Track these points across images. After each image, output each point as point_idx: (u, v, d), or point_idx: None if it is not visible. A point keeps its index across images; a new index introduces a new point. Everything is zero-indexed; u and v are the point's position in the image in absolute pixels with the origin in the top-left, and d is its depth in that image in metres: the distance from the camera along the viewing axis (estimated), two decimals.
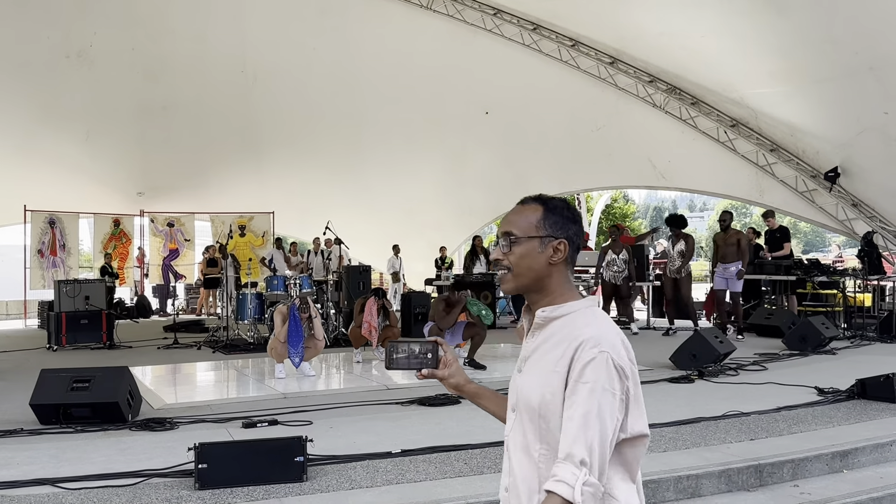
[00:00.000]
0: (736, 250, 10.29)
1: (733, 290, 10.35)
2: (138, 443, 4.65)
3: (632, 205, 44.19)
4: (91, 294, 10.79)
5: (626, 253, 11.37)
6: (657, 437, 4.62)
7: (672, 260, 10.71)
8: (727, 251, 10.33)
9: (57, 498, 3.57)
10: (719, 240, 10.50)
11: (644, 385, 6.21)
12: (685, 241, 10.69)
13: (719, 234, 10.58)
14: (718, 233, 10.64)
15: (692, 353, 7.35)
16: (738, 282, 10.30)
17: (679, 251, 10.64)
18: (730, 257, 10.29)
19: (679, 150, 14.30)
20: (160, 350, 10.06)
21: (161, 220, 17.47)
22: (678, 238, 10.73)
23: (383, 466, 4.02)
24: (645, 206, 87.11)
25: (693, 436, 4.65)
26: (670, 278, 10.74)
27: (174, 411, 5.63)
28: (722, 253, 10.39)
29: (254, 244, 17.52)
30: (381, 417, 5.34)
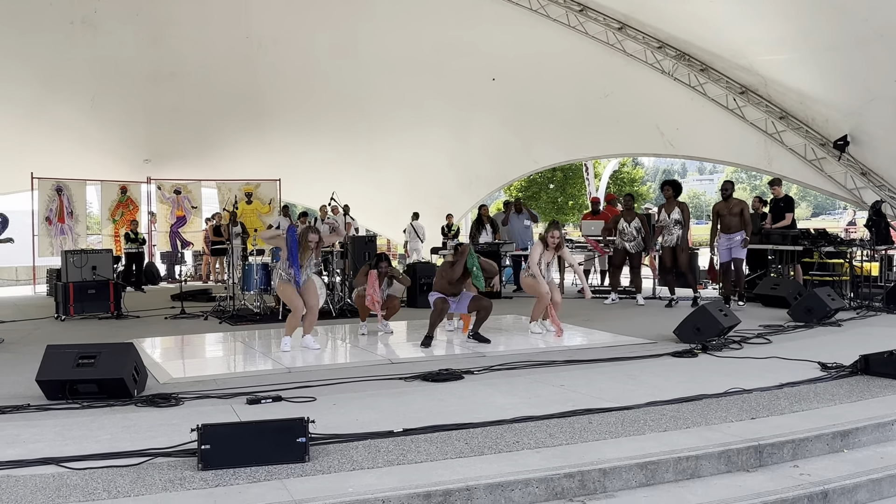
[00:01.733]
0: (739, 220, 10.23)
1: (736, 256, 10.30)
2: (143, 419, 4.69)
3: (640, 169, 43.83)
4: (98, 264, 10.82)
5: (638, 221, 11.32)
6: (658, 415, 4.63)
7: (668, 229, 10.65)
8: (731, 221, 10.26)
9: (62, 478, 3.61)
10: (721, 209, 10.41)
11: (647, 359, 6.22)
12: (680, 209, 10.62)
13: (720, 203, 10.50)
14: (719, 202, 10.55)
15: (696, 326, 7.34)
16: (742, 249, 10.26)
17: (675, 220, 10.58)
18: (733, 227, 10.24)
19: (687, 117, 14.14)
20: (167, 320, 10.11)
21: (168, 188, 17.49)
22: (672, 206, 10.66)
23: (385, 446, 4.05)
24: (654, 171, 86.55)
25: (694, 414, 4.65)
26: (668, 248, 10.71)
27: (180, 386, 5.67)
28: (726, 223, 10.32)
29: (260, 211, 17.55)
30: (383, 394, 5.36)
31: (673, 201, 10.73)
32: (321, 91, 16.61)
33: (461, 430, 4.34)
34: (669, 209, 10.70)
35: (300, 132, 17.47)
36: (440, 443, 4.11)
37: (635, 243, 11.29)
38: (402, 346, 7.85)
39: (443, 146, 17.36)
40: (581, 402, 4.96)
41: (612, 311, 10.48)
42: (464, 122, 17.00)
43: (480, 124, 16.99)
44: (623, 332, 8.24)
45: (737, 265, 10.35)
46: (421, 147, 17.36)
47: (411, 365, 6.39)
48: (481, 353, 7.00)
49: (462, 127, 17.15)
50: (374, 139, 17.42)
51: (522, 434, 4.26)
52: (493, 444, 4.08)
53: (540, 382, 5.67)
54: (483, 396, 5.22)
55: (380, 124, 17.16)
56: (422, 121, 17.01)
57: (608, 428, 4.38)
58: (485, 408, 4.85)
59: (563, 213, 35.69)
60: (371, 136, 17.36)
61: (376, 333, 8.44)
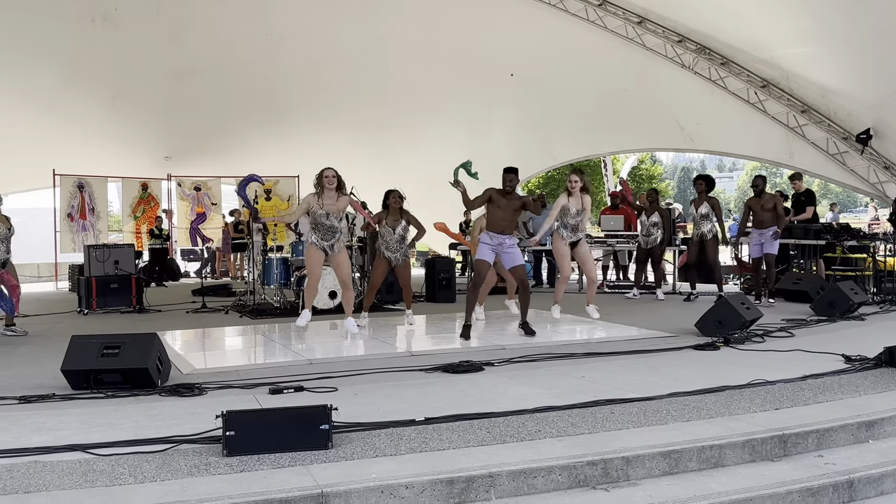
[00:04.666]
0: (772, 216, 10.09)
1: (769, 251, 10.17)
2: (168, 408, 4.74)
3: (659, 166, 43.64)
4: (120, 259, 10.92)
5: (657, 216, 11.32)
6: (681, 406, 4.62)
7: (698, 223, 10.61)
8: (764, 217, 10.13)
9: (89, 464, 3.66)
10: (753, 205, 10.33)
11: (668, 353, 6.21)
12: (710, 204, 10.59)
13: (752, 198, 10.41)
14: (752, 198, 10.47)
15: (718, 319, 7.31)
16: (774, 243, 10.11)
17: (703, 213, 10.54)
18: (766, 223, 10.12)
19: (708, 111, 14.07)
20: (188, 314, 10.20)
21: (188, 184, 17.59)
22: (702, 200, 10.63)
23: (407, 434, 4.07)
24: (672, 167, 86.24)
25: (717, 405, 4.64)
26: (696, 241, 10.66)
27: (203, 376, 5.72)
28: (759, 219, 10.21)
29: (279, 208, 17.62)
30: (404, 385, 5.38)
31: (704, 196, 10.69)
32: (339, 87, 16.65)
33: (483, 419, 4.35)
34: (699, 203, 10.66)
35: (318, 128, 17.52)
36: (462, 431, 4.12)
37: (652, 238, 11.28)
38: (421, 338, 7.88)
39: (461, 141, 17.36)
40: (602, 392, 4.95)
41: (633, 306, 10.45)
42: (482, 118, 16.99)
43: (499, 120, 16.97)
44: (644, 325, 8.22)
45: (768, 261, 10.21)
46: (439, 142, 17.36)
47: (431, 357, 6.40)
48: (501, 346, 7.01)
49: (480, 123, 17.14)
50: (392, 135, 17.44)
51: (544, 423, 4.26)
52: (515, 432, 4.09)
53: (560, 374, 5.67)
54: (504, 387, 5.24)
55: (398, 120, 17.17)
56: (440, 117, 17.01)
57: (630, 418, 4.37)
58: (506, 398, 4.86)
59: None
60: (390, 131, 17.39)
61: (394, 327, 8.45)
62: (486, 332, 7.86)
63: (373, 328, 8.65)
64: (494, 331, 8.10)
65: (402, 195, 8.54)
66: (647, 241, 11.36)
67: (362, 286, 10.98)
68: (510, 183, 7.61)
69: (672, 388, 5.04)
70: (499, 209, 7.60)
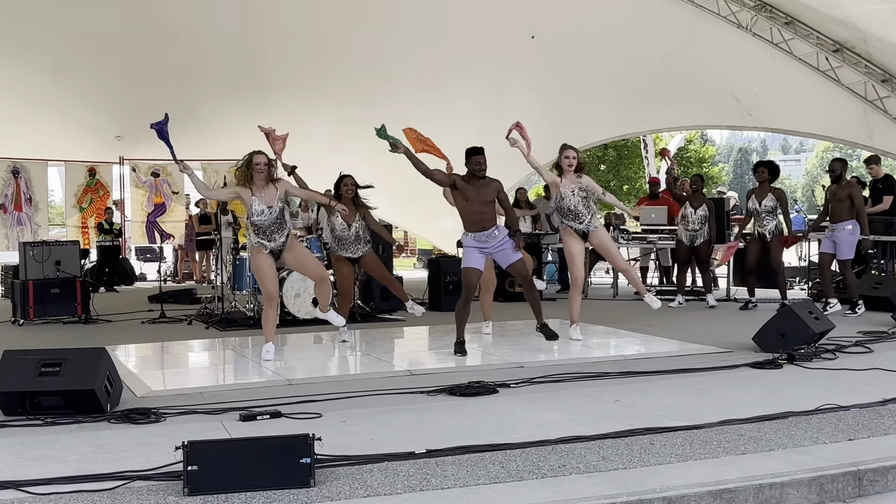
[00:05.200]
0: (849, 207, 9.98)
1: (842, 256, 10.07)
2: (118, 438, 4.76)
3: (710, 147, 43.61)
4: (63, 258, 10.96)
5: (705, 208, 11.28)
6: (734, 436, 4.62)
7: (760, 218, 10.57)
8: (838, 208, 10.08)
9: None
10: (829, 194, 10.31)
11: (719, 372, 6.21)
12: (776, 196, 10.54)
13: (831, 187, 10.36)
14: (830, 185, 10.42)
15: (780, 331, 7.29)
16: (849, 246, 10.01)
17: (767, 207, 10.50)
18: (840, 216, 10.05)
19: (769, 81, 14.01)
20: (144, 325, 10.23)
21: (144, 169, 17.63)
22: (765, 191, 10.59)
23: (405, 469, 4.07)
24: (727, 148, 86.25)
25: (779, 435, 4.63)
26: (757, 240, 10.63)
27: (160, 400, 5.73)
28: (832, 210, 10.18)
29: None
30: (402, 409, 5.39)
31: (767, 186, 10.65)
32: (329, 55, 16.64)
33: (496, 451, 4.35)
34: (762, 195, 10.61)
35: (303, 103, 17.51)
36: (471, 466, 4.12)
37: (698, 234, 11.25)
38: (423, 354, 7.88)
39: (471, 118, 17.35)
40: (640, 419, 4.95)
41: (676, 316, 10.43)
42: (497, 89, 16.97)
43: (516, 92, 16.94)
44: (691, 339, 8.21)
45: (842, 267, 10.15)
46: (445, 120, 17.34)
47: (435, 377, 6.41)
48: (518, 364, 7.01)
49: (494, 96, 17.12)
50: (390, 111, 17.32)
51: (570, 457, 4.26)
52: (535, 467, 4.09)
53: (590, 397, 5.67)
54: (522, 413, 5.23)
55: (397, 94, 17.14)
56: (447, 89, 16.99)
57: (673, 450, 4.37)
58: (524, 426, 4.85)
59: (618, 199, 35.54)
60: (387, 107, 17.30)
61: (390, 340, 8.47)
62: (500, 347, 7.86)
63: (365, 342, 8.66)
64: (511, 345, 8.10)
65: (357, 183, 8.48)
66: (692, 237, 11.32)
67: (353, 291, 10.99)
68: (480, 166, 7.59)
69: (724, 415, 5.03)
70: (468, 201, 7.57)
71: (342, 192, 8.37)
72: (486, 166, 7.65)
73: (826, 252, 10.27)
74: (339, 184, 8.47)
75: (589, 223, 8.20)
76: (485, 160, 7.64)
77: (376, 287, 11.09)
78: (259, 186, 7.25)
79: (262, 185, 7.25)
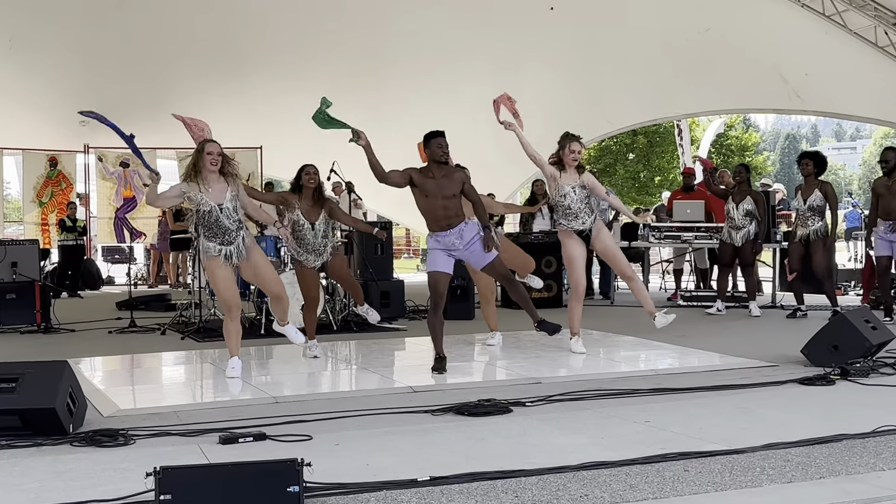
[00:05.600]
0: None
1: None
2: (83, 463, 4.76)
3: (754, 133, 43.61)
4: (20, 259, 10.99)
5: (750, 202, 11.24)
6: (780, 461, 4.61)
7: (803, 216, 10.55)
8: (892, 204, 10.10)
9: None
10: (880, 188, 10.27)
11: (763, 388, 6.19)
12: (824, 193, 10.52)
13: (880, 179, 10.35)
14: (879, 178, 10.41)
15: (832, 343, 7.27)
16: None
17: (814, 206, 10.48)
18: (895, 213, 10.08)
19: (820, 58, 14.01)
20: (112, 335, 10.26)
21: (112, 159, 17.66)
22: (812, 187, 10.57)
23: (406, 499, 4.07)
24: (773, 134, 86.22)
25: (830, 460, 4.62)
26: (801, 241, 10.62)
27: (130, 420, 5.74)
28: (885, 206, 10.15)
29: None
30: (403, 431, 5.39)
31: (813, 181, 10.64)
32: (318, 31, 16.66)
33: (509, 479, 4.34)
34: (808, 191, 10.60)
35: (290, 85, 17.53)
36: (480, 495, 4.12)
37: (744, 232, 11.22)
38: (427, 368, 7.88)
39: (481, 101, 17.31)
40: (674, 443, 4.94)
41: (715, 325, 10.42)
42: (510, 67, 16.95)
43: (533, 71, 16.94)
44: (731, 351, 8.20)
45: None
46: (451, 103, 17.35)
47: (440, 394, 6.41)
48: (534, 379, 7.01)
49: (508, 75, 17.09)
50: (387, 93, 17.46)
51: (593, 485, 4.25)
52: (553, 497, 4.09)
53: (616, 417, 5.66)
54: (538, 435, 5.23)
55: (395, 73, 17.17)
56: (452, 67, 17.00)
57: (711, 478, 4.36)
58: (541, 450, 4.85)
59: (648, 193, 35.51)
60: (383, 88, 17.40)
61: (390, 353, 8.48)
62: (514, 360, 7.85)
63: (361, 354, 8.67)
64: (526, 358, 8.10)
65: (318, 171, 8.29)
66: (736, 236, 11.30)
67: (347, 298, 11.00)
68: (441, 149, 7.39)
69: (768, 438, 5.01)
70: (428, 198, 7.36)
71: (304, 182, 8.17)
72: (449, 150, 7.46)
73: (883, 255, 10.25)
74: (300, 173, 8.26)
75: (591, 224, 8.18)
76: (447, 143, 7.42)
77: (374, 292, 11.11)
78: (209, 181, 7.02)
79: (212, 181, 7.03)
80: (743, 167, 11.81)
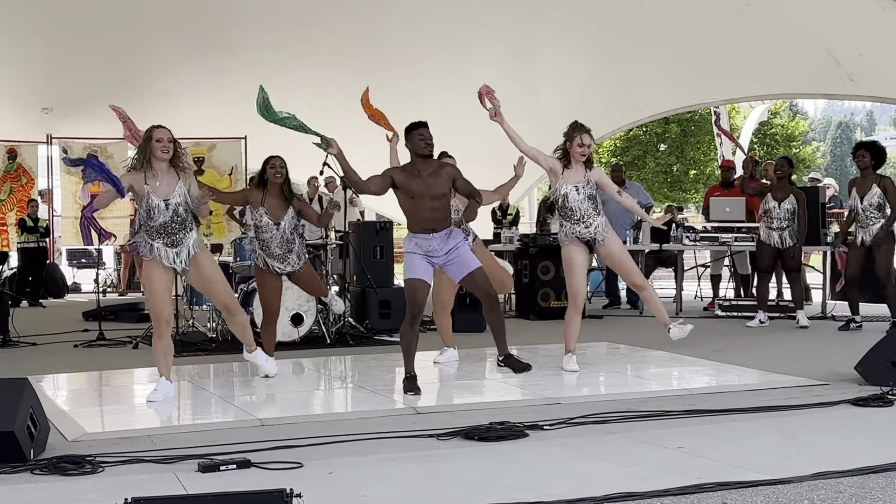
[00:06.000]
0: None
1: None
2: (45, 493, 4.77)
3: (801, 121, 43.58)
4: None
5: (792, 200, 11.22)
6: (831, 493, 4.60)
7: (862, 216, 10.53)
8: None
9: None
10: None
11: (811, 410, 6.18)
12: (883, 189, 10.50)
13: None
14: None
15: (891, 359, 7.26)
16: None
17: (872, 202, 10.46)
18: None
19: (877, 37, 13.96)
20: (78, 349, 10.30)
21: (78, 150, 17.67)
22: (869, 182, 10.55)
23: None
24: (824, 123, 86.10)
25: (888, 491, 4.62)
26: (859, 244, 10.60)
27: (98, 445, 5.74)
28: None
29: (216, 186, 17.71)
30: (405, 458, 5.38)
31: (871, 175, 10.62)
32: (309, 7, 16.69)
33: None
34: (865, 187, 10.58)
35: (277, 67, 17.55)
36: None
37: (786, 233, 11.18)
38: (432, 386, 7.89)
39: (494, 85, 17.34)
40: (710, 472, 4.93)
41: (756, 338, 10.41)
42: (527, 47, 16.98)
43: (552, 52, 16.95)
44: (775, 368, 8.19)
45: None
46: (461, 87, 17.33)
47: (447, 416, 6.41)
48: (553, 399, 7.00)
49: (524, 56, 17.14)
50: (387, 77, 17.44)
51: None
52: None
53: (646, 443, 5.66)
54: (558, 463, 5.23)
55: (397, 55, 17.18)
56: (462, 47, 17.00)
57: None
58: (562, 480, 4.85)
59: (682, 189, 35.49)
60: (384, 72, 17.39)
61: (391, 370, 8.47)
62: (530, 378, 7.85)
63: (358, 371, 8.67)
64: (544, 375, 8.09)
65: (285, 164, 8.22)
66: (777, 237, 11.25)
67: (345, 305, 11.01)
68: (424, 140, 7.29)
69: (818, 466, 5.01)
70: (414, 199, 7.27)
71: (269, 176, 8.14)
72: (433, 142, 7.33)
73: None
74: (265, 166, 8.22)
75: (597, 229, 8.06)
76: (430, 135, 7.31)
77: (372, 301, 11.12)
78: (158, 173, 6.95)
79: (162, 172, 6.96)
80: (785, 160, 11.79)
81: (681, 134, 34.91)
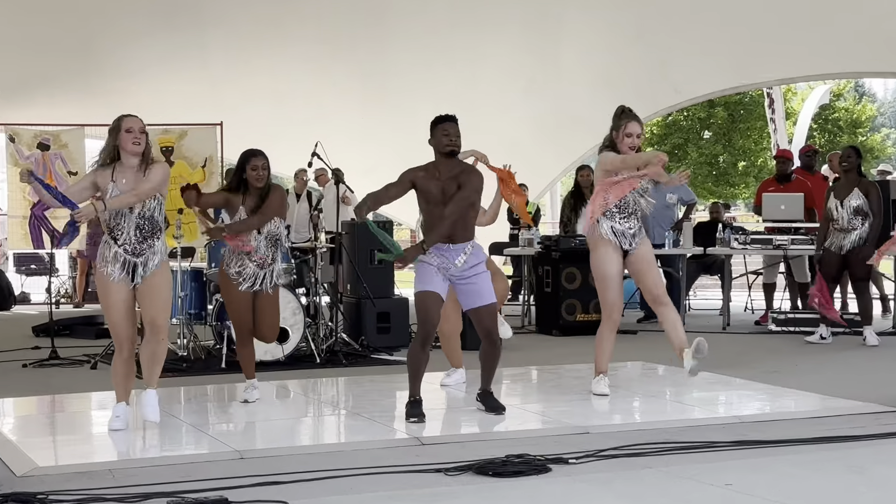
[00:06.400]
0: None
1: None
2: None
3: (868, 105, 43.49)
4: None
5: (860, 197, 11.16)
6: None
7: None
8: None
9: None
10: None
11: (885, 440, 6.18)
12: None
13: None
14: None
15: None
16: None
17: None
18: None
19: None
20: (27, 369, 10.31)
21: (28, 139, 17.68)
22: None
23: None
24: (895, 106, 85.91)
25: None
26: None
27: (50, 481, 5.74)
28: None
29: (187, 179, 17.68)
30: (407, 496, 5.38)
31: None
32: None
33: None
34: None
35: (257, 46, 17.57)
36: None
37: (854, 236, 11.11)
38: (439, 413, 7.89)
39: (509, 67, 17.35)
40: None
41: (818, 356, 10.40)
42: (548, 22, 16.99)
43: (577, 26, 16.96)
44: (839, 392, 8.17)
45: None
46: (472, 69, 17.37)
47: (457, 448, 6.40)
48: (581, 428, 6.99)
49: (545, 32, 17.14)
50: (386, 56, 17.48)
51: None
52: None
53: (688, 479, 5.64)
54: (586, 502, 5.22)
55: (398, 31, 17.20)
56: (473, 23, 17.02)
57: None
58: None
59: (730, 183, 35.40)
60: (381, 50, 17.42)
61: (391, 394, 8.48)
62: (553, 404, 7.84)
63: (352, 395, 8.65)
64: (569, 401, 8.09)
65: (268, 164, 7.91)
66: (842, 240, 11.20)
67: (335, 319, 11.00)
68: (449, 138, 7.27)
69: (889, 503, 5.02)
70: (428, 202, 7.32)
71: (248, 178, 7.82)
72: (459, 140, 7.31)
73: None
74: (244, 163, 7.89)
75: (635, 236, 8.03)
76: (457, 132, 7.27)
77: (369, 315, 11.10)
78: (125, 169, 6.91)
79: (131, 169, 6.92)
80: (852, 150, 11.73)
81: (728, 119, 34.85)
